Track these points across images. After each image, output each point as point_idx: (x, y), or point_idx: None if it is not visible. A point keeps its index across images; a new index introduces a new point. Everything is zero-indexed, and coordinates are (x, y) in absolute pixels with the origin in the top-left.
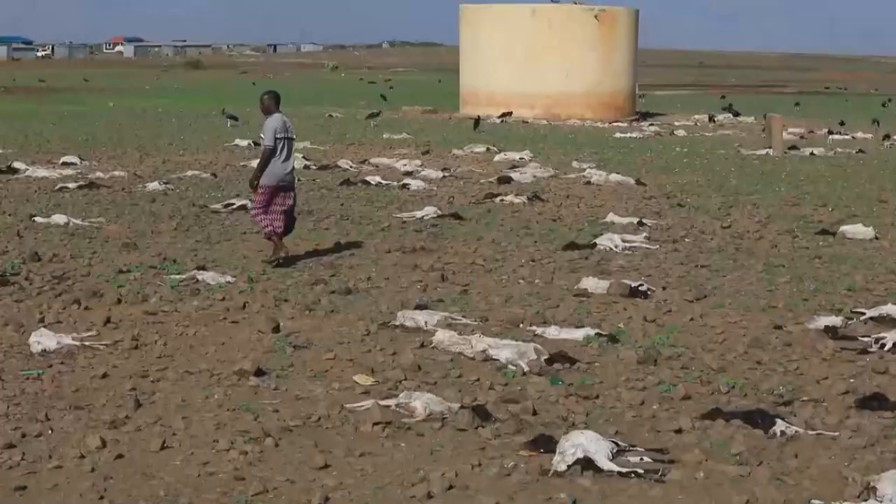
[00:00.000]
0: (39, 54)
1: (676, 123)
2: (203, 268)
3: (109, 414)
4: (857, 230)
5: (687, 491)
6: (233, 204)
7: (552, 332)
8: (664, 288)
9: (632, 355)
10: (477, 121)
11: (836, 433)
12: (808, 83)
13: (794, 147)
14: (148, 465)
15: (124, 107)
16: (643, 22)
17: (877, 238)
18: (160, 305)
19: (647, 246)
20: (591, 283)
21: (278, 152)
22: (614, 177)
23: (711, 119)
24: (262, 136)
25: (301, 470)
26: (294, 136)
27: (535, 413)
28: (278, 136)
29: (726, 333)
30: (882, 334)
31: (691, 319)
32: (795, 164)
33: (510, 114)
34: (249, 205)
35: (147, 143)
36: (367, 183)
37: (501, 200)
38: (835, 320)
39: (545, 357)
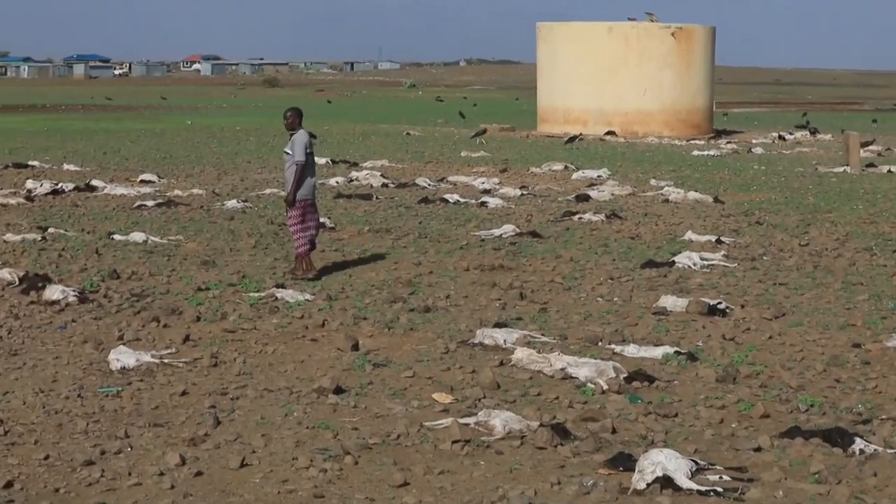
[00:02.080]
0: (117, 72)
1: (754, 141)
2: (282, 286)
3: (189, 431)
4: None
5: None
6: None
7: (631, 350)
8: (742, 306)
9: (710, 373)
10: (574, 138)
11: None
12: (884, 100)
13: (871, 164)
14: (227, 483)
15: (202, 125)
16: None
17: None
18: (239, 323)
19: (726, 264)
20: (670, 302)
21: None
22: (692, 194)
23: (782, 138)
24: (288, 151)
25: (380, 488)
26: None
27: (614, 431)
28: (307, 151)
29: (805, 352)
30: None
31: (770, 338)
32: (873, 182)
33: (580, 136)
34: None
35: (225, 161)
36: (446, 201)
37: (580, 218)
38: None
39: (624, 375)
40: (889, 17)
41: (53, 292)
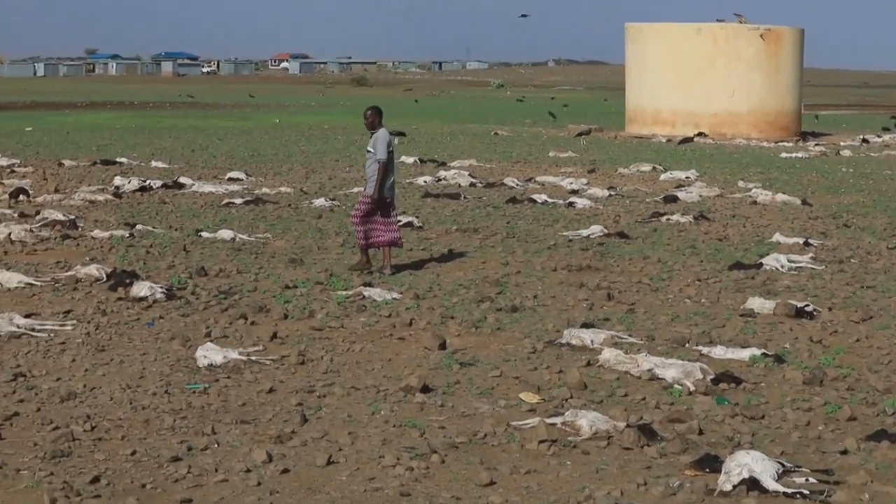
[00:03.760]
0: (205, 70)
1: (842, 143)
2: (369, 284)
3: (275, 428)
4: None
5: None
6: (399, 221)
7: (718, 351)
8: (830, 308)
9: (797, 376)
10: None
11: None
12: None
13: None
14: (313, 480)
15: (290, 123)
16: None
17: None
18: (326, 321)
19: (813, 266)
20: (757, 304)
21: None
22: (780, 196)
23: (865, 141)
24: (370, 149)
25: (467, 487)
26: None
27: (700, 432)
28: (389, 149)
29: (892, 355)
30: None
31: (857, 340)
32: None
33: (691, 139)
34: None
35: (313, 160)
36: (534, 201)
37: (667, 219)
38: None
39: (711, 377)
40: None
41: (141, 289)
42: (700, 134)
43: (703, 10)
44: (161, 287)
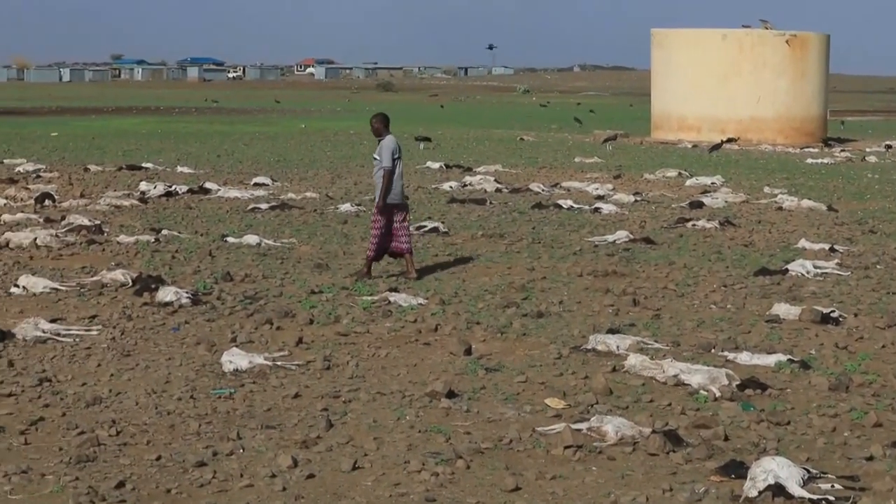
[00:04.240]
0: (231, 75)
1: (868, 150)
2: (395, 289)
3: (301, 433)
4: None
5: None
6: (425, 226)
7: (744, 357)
8: (856, 315)
9: (823, 382)
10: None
11: None
12: None
13: None
14: (339, 486)
15: (316, 128)
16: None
17: None
18: (352, 326)
19: (839, 272)
20: (783, 309)
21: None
22: (806, 202)
23: (889, 147)
24: (376, 157)
25: (492, 492)
26: (401, 156)
27: (726, 438)
28: (395, 157)
29: None
30: None
31: (883, 346)
32: None
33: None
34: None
35: (338, 165)
36: (559, 207)
37: (693, 225)
38: None
39: (737, 383)
40: None
41: (167, 294)
42: (729, 139)
43: (729, 16)
44: (187, 292)
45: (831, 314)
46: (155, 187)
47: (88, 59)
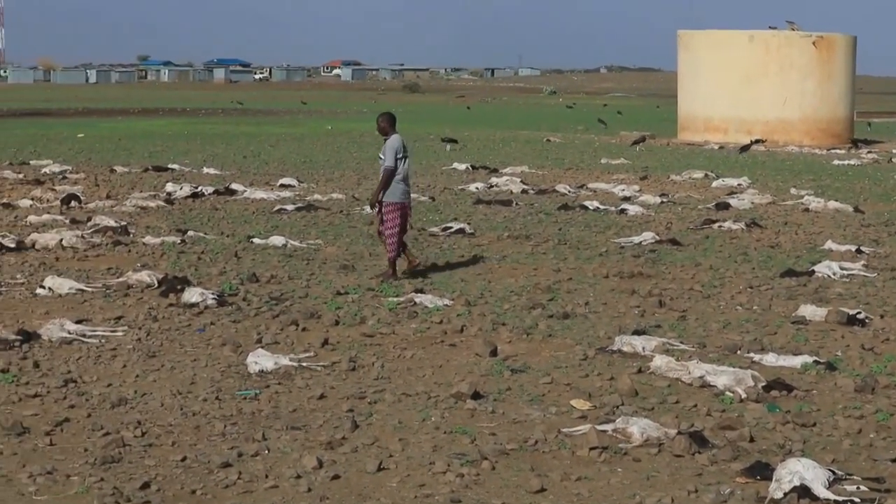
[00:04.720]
0: (257, 77)
1: (894, 151)
2: (421, 290)
3: (326, 435)
4: None
5: None
6: (451, 227)
7: (770, 359)
8: (882, 316)
9: (849, 383)
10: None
11: None
12: None
13: None
14: (364, 487)
15: (342, 130)
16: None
17: None
18: (378, 328)
19: (866, 274)
20: (809, 311)
21: (398, 171)
22: (832, 204)
23: None
24: (381, 156)
25: (517, 493)
26: (409, 155)
27: (752, 440)
28: (399, 156)
29: None
30: None
31: None
32: None
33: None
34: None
35: (365, 166)
36: (585, 208)
37: (719, 227)
38: None
39: (763, 384)
40: None
41: (192, 295)
42: (757, 141)
43: (755, 17)
44: (212, 293)
45: (857, 315)
46: (181, 188)
47: (115, 60)
